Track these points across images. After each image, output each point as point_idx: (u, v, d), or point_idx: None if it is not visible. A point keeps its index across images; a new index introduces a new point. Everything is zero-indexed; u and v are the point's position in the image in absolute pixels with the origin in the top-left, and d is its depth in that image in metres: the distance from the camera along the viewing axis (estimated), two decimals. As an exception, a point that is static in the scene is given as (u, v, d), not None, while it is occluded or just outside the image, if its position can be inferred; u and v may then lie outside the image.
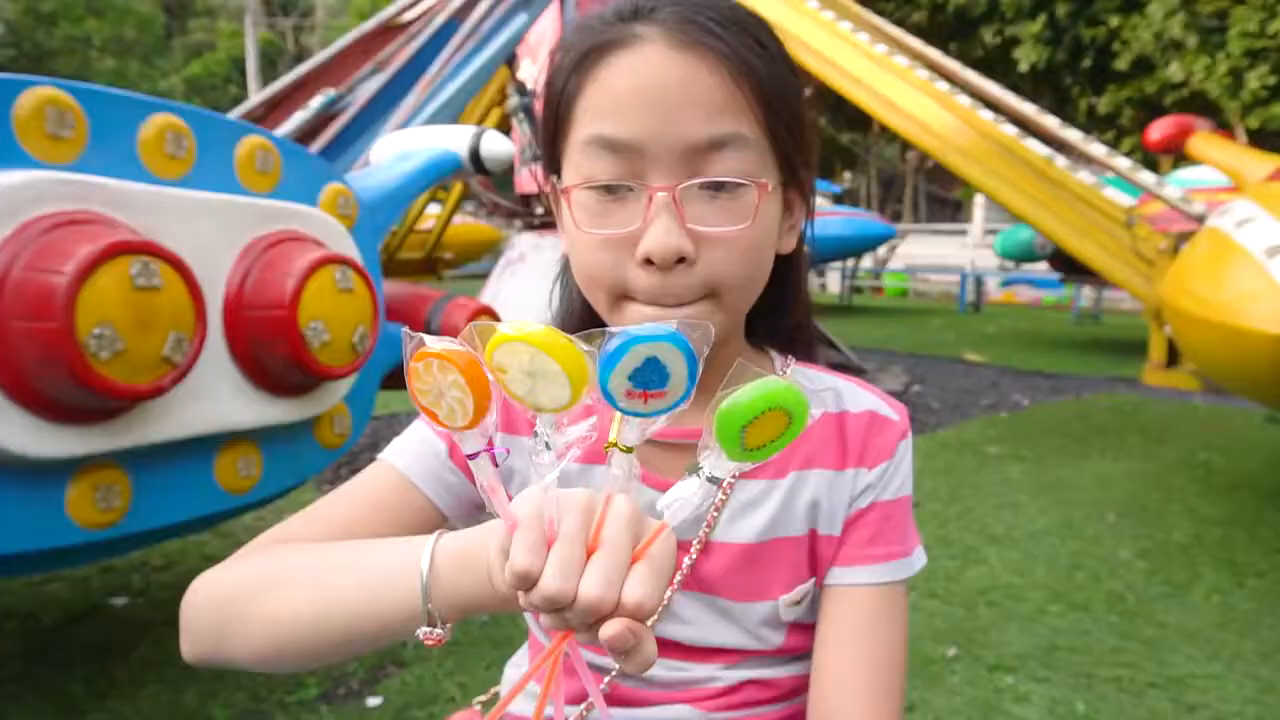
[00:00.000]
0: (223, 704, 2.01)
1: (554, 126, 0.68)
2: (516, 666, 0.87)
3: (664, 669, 0.74)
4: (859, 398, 0.77)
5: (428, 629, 0.56)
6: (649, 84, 0.61)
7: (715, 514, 0.72)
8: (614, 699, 0.75)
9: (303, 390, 1.93)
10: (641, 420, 0.48)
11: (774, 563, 0.73)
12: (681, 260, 0.63)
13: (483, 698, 0.87)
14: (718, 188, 0.63)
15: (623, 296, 0.66)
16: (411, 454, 0.73)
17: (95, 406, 1.52)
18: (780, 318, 0.79)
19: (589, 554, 0.46)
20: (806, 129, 0.70)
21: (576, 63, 0.65)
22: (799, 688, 0.77)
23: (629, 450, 0.48)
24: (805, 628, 0.76)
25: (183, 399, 1.65)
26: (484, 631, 2.41)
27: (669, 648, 0.74)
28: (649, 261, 0.63)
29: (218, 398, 1.76)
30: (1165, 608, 2.64)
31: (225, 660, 0.64)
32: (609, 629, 0.44)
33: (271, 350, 1.79)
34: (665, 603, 0.72)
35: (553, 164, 0.70)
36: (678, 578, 0.72)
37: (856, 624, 0.71)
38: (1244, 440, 4.77)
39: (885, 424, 0.76)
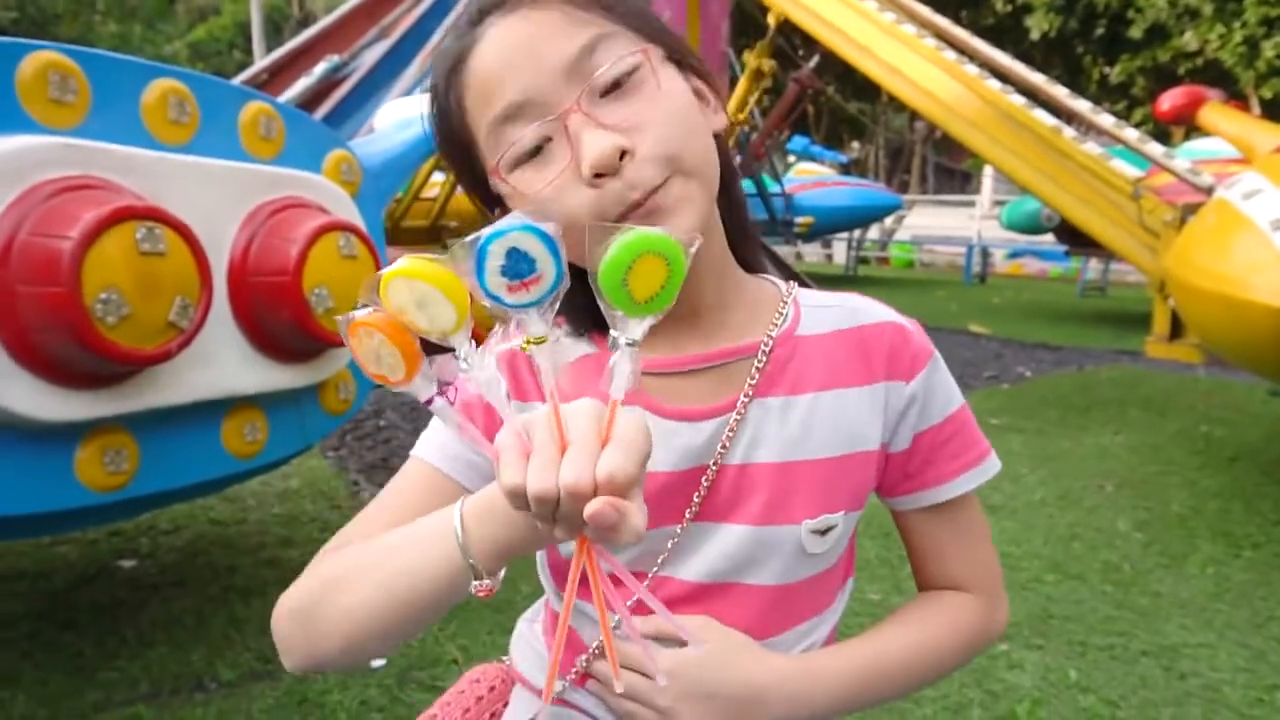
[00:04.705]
0: (229, 664, 2.05)
1: (461, 146, 0.72)
2: (529, 621, 0.91)
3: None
4: (875, 310, 0.80)
5: (476, 582, 0.61)
6: (507, 49, 0.67)
7: (730, 436, 0.73)
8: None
9: (307, 356, 1.95)
10: (536, 309, 0.51)
11: (795, 486, 0.74)
12: (624, 155, 0.65)
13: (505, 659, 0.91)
14: (616, 85, 0.66)
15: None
16: (436, 443, 0.76)
17: (102, 371, 1.54)
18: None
19: (563, 454, 0.50)
20: (665, 26, 0.73)
21: (448, 73, 0.70)
22: None
23: (542, 340, 0.51)
24: (827, 575, 0.78)
25: (188, 364, 1.67)
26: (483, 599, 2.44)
27: (688, 598, 0.74)
28: (600, 175, 0.65)
29: (223, 363, 1.77)
30: (1160, 578, 2.66)
31: (322, 662, 0.69)
32: (591, 507, 0.48)
33: (276, 316, 1.81)
34: (680, 533, 0.73)
35: (484, 190, 0.73)
36: (690, 511, 0.73)
37: (950, 533, 0.83)
38: (1245, 413, 4.78)
39: (907, 334, 0.80)
